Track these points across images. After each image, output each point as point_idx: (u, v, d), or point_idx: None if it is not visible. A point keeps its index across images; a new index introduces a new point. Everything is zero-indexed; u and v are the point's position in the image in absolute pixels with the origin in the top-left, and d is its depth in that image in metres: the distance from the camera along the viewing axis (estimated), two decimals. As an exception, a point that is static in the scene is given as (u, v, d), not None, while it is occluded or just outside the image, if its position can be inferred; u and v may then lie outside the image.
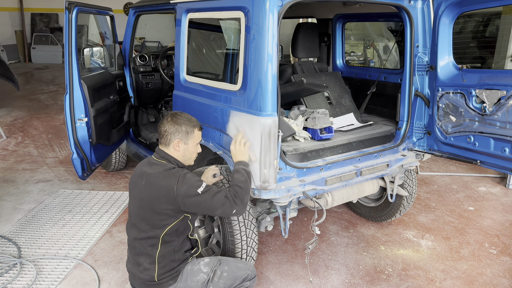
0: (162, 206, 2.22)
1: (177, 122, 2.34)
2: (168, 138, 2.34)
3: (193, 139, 2.39)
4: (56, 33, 15.55)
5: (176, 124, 2.33)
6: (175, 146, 2.35)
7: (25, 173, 5.07)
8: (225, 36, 3.40)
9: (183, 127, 2.34)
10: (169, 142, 2.34)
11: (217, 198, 2.23)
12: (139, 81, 4.56)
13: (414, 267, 3.30)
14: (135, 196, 2.34)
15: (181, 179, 2.21)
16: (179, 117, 2.36)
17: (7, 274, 3.06)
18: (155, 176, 2.26)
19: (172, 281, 2.33)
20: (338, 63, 4.35)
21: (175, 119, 2.35)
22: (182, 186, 2.19)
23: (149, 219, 2.27)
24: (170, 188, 2.20)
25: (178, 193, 2.19)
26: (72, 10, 3.27)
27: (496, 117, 2.64)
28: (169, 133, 2.33)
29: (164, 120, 2.36)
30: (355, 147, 3.08)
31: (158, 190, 2.22)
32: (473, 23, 6.98)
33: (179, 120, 2.35)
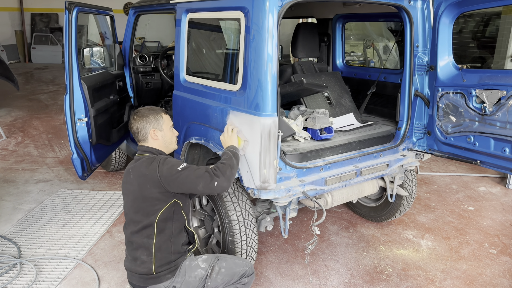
0: (150, 190, 2.28)
1: (143, 115, 2.42)
2: (143, 132, 2.41)
3: (164, 123, 2.46)
4: (56, 33, 15.55)
5: (143, 117, 2.41)
6: (153, 136, 2.42)
7: (25, 173, 5.07)
8: (225, 36, 3.39)
9: (151, 116, 2.42)
10: (146, 135, 2.41)
11: (197, 173, 2.27)
12: (139, 81, 4.56)
13: (414, 267, 3.30)
14: (127, 193, 2.40)
15: (162, 161, 2.30)
16: (143, 110, 2.45)
17: (7, 274, 3.07)
18: (139, 166, 2.34)
19: (170, 274, 2.34)
20: (338, 63, 4.35)
21: (139, 113, 2.43)
22: (163, 167, 2.26)
23: (142, 208, 2.31)
24: (153, 172, 2.26)
25: (160, 174, 2.25)
26: (72, 10, 3.27)
27: (496, 117, 2.64)
28: (141, 127, 2.40)
29: (131, 120, 2.45)
30: (355, 147, 3.08)
31: (143, 176, 2.29)
32: (473, 23, 6.98)
33: (144, 112, 2.43)
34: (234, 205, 2.73)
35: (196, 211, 3.13)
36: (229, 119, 2.66)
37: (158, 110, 2.48)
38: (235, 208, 2.73)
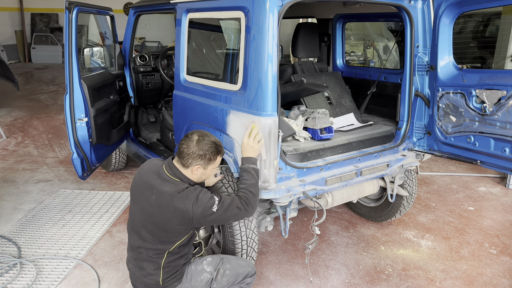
0: (175, 226, 2.22)
1: (203, 148, 2.24)
2: (189, 162, 2.24)
3: (213, 165, 2.33)
4: (56, 33, 15.55)
5: (201, 150, 2.23)
6: (194, 171, 2.27)
7: (25, 173, 5.07)
8: (225, 36, 3.39)
9: (208, 155, 2.26)
10: (189, 165, 2.25)
11: (230, 211, 2.25)
12: (139, 81, 4.56)
13: (414, 267, 3.30)
14: (142, 207, 2.28)
15: (195, 200, 2.18)
16: (206, 142, 2.26)
17: (7, 274, 3.06)
18: (168, 196, 2.20)
19: (177, 282, 2.34)
20: (338, 63, 4.35)
21: (201, 144, 2.24)
22: (198, 209, 2.17)
23: (158, 235, 2.25)
24: (185, 212, 2.17)
25: (193, 216, 2.18)
26: (72, 10, 3.27)
27: (496, 117, 2.64)
28: (191, 158, 2.23)
29: (189, 141, 2.25)
30: (355, 147, 3.08)
31: (172, 212, 2.18)
32: (473, 23, 6.98)
33: (205, 146, 2.25)
34: (234, 205, 2.73)
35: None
36: (255, 124, 2.47)
37: (218, 150, 2.30)
38: (235, 208, 2.72)
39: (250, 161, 2.45)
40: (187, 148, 2.24)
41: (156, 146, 4.32)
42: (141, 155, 4.37)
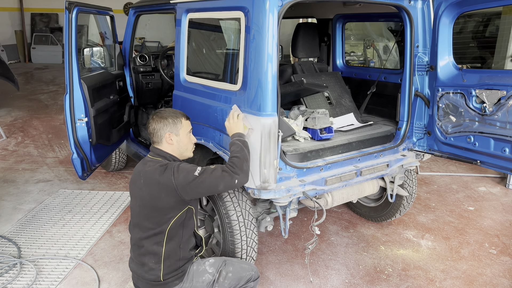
0: (164, 200, 2.23)
1: (162, 116, 2.36)
2: (159, 134, 2.35)
3: (182, 128, 2.39)
4: (56, 33, 15.55)
5: (161, 118, 2.35)
6: (168, 140, 2.36)
7: (25, 173, 5.07)
8: (225, 36, 3.39)
9: (169, 119, 2.36)
10: (161, 138, 2.36)
11: (215, 174, 2.25)
12: (139, 81, 4.56)
13: (414, 267, 3.30)
14: (135, 196, 2.35)
15: (176, 169, 2.24)
16: (163, 112, 2.40)
17: (7, 274, 3.07)
18: (151, 172, 2.27)
19: (177, 281, 2.34)
20: (338, 63, 4.34)
21: (159, 114, 2.38)
22: (179, 175, 2.22)
23: (153, 216, 2.27)
24: (168, 180, 2.22)
25: (177, 184, 2.21)
26: (72, 10, 3.27)
27: (496, 117, 2.64)
28: (158, 129, 2.35)
29: (150, 120, 2.39)
30: (355, 147, 3.08)
31: (157, 186, 2.23)
32: (473, 23, 6.98)
33: (163, 114, 2.38)
34: (234, 205, 2.73)
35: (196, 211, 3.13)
36: (234, 105, 2.60)
37: (178, 114, 2.41)
38: (235, 208, 2.73)
39: (236, 135, 2.48)
40: (151, 125, 2.37)
41: (156, 146, 4.31)
42: (141, 155, 4.37)
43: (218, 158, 3.34)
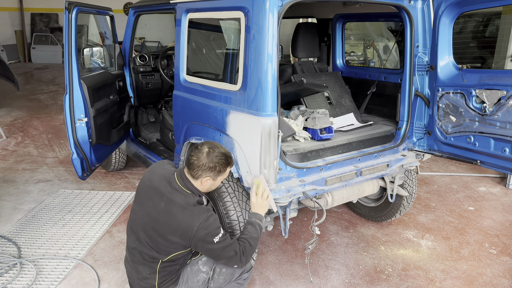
0: (174, 239, 2.20)
1: (213, 160, 2.24)
2: (199, 173, 2.25)
3: (222, 176, 2.34)
4: (56, 33, 15.55)
5: (211, 162, 2.23)
6: (203, 182, 2.28)
7: (25, 173, 5.07)
8: (225, 36, 3.39)
9: (217, 167, 2.26)
10: (198, 177, 2.26)
11: (227, 251, 2.22)
12: (139, 81, 4.56)
13: (414, 267, 3.30)
14: (147, 211, 2.27)
15: (204, 221, 2.17)
16: (216, 154, 2.25)
17: (7, 274, 3.06)
18: (179, 207, 2.20)
19: (173, 285, 2.33)
20: (338, 63, 4.34)
21: (211, 156, 2.24)
22: (202, 231, 2.15)
23: (156, 242, 2.24)
24: (189, 228, 2.16)
25: (195, 235, 2.16)
26: (72, 10, 3.27)
27: (496, 117, 2.64)
28: (201, 169, 2.24)
29: (199, 153, 2.24)
30: (355, 147, 3.08)
31: (177, 224, 2.17)
32: (473, 23, 6.98)
33: (215, 158, 2.25)
34: (234, 205, 2.73)
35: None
36: (261, 176, 2.47)
37: (227, 163, 2.30)
38: (235, 208, 2.72)
39: (257, 217, 2.42)
40: (197, 160, 2.23)
41: (156, 146, 4.32)
42: (141, 155, 4.37)
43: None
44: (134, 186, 4.72)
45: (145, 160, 4.28)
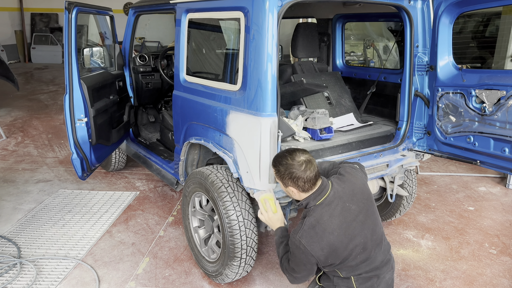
0: None
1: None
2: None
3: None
4: (56, 33, 15.56)
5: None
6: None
7: (25, 173, 5.07)
8: (225, 36, 3.39)
9: None
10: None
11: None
12: (139, 81, 4.56)
13: (414, 267, 3.30)
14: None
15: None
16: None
17: (7, 274, 3.07)
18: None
19: None
20: (338, 63, 4.34)
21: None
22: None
23: None
24: None
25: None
26: (72, 10, 3.27)
27: (496, 117, 2.64)
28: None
29: (315, 166, 2.23)
30: (355, 147, 3.08)
31: None
32: (473, 23, 6.98)
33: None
34: (234, 205, 2.73)
35: (196, 211, 3.13)
36: (270, 194, 2.51)
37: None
38: (235, 208, 2.72)
39: (277, 233, 2.47)
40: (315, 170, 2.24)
41: (155, 146, 4.32)
42: (141, 155, 4.37)
43: (217, 158, 3.34)
44: (134, 186, 4.72)
45: (145, 160, 4.28)
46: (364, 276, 2.22)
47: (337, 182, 2.27)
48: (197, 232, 3.17)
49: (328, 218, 2.12)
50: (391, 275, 2.34)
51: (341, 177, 2.30)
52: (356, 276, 2.21)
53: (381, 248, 2.28)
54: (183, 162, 3.39)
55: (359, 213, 2.20)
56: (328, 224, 2.11)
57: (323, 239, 2.09)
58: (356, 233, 2.16)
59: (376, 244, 2.25)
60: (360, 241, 2.16)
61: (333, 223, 2.12)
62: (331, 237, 2.09)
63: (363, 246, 2.18)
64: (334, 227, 2.11)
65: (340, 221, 2.13)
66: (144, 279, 3.09)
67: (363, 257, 2.19)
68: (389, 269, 2.32)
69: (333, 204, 2.17)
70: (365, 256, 2.20)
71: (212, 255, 3.05)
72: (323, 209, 2.16)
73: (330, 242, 2.09)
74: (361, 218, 2.20)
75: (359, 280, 2.21)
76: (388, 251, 2.33)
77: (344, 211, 2.17)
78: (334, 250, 2.11)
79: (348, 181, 2.28)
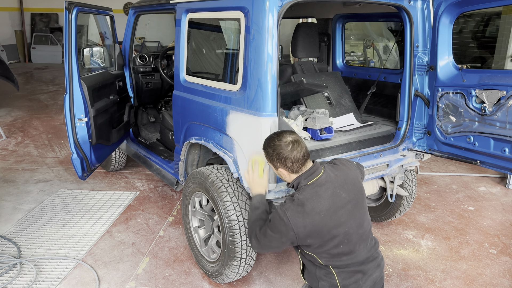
0: None
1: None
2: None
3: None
4: (56, 33, 15.56)
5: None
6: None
7: (25, 173, 5.07)
8: (225, 36, 3.40)
9: None
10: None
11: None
12: (139, 81, 4.56)
13: (414, 267, 3.30)
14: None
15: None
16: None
17: (7, 274, 3.07)
18: None
19: None
20: (338, 63, 4.35)
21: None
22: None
23: None
24: None
25: None
26: (72, 10, 3.27)
27: (496, 117, 2.64)
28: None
29: (303, 145, 2.23)
30: (355, 147, 3.08)
31: None
32: (473, 23, 6.98)
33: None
34: (234, 205, 2.73)
35: (196, 211, 3.14)
36: (255, 154, 2.45)
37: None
38: (235, 208, 2.73)
39: (255, 197, 2.39)
40: (304, 149, 2.24)
41: (156, 146, 4.32)
42: (141, 155, 4.37)
43: (218, 158, 3.34)
44: (134, 186, 4.72)
45: (145, 160, 4.29)
46: (347, 271, 2.19)
47: (330, 168, 2.27)
48: (197, 232, 3.17)
49: (318, 199, 2.11)
50: (380, 274, 2.31)
51: (335, 166, 2.31)
52: (339, 270, 2.20)
53: (367, 245, 2.26)
54: (183, 162, 3.39)
55: (349, 202, 2.19)
56: (316, 204, 2.10)
57: (309, 217, 2.07)
58: (342, 221, 2.14)
59: (362, 239, 2.23)
60: (344, 230, 2.14)
61: (322, 204, 2.10)
62: (317, 217, 2.08)
63: (348, 237, 2.16)
64: (322, 208, 2.10)
65: (329, 204, 2.12)
66: (144, 279, 3.09)
67: (347, 249, 2.17)
68: (377, 267, 2.28)
69: (324, 187, 2.16)
70: (348, 248, 2.17)
71: (212, 255, 3.05)
72: (314, 189, 2.14)
73: (315, 222, 2.08)
74: (350, 208, 2.18)
75: (342, 274, 2.19)
76: (375, 249, 2.31)
77: (334, 196, 2.15)
78: (316, 231, 2.09)
79: (341, 170, 2.28)
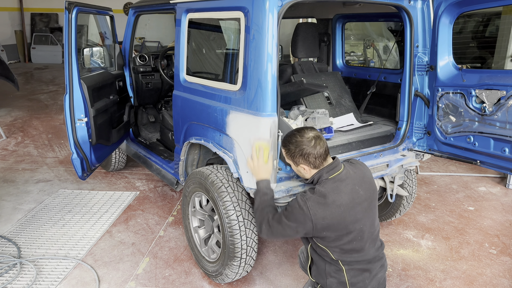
0: None
1: None
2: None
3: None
4: (56, 33, 15.56)
5: None
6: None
7: (25, 173, 5.07)
8: (225, 36, 3.40)
9: None
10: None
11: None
12: (139, 81, 4.56)
13: (414, 267, 3.30)
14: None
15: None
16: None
17: (7, 274, 3.07)
18: None
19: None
20: (338, 63, 4.35)
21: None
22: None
23: None
24: None
25: None
26: (72, 10, 3.27)
27: (496, 117, 2.64)
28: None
29: (323, 140, 2.29)
30: (355, 147, 3.08)
31: None
32: (473, 23, 6.99)
33: None
34: (234, 205, 2.73)
35: (196, 211, 3.14)
36: (258, 140, 2.45)
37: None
38: (235, 208, 2.72)
39: (262, 183, 2.43)
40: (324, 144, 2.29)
41: (155, 146, 4.32)
42: (141, 155, 4.37)
43: (218, 158, 3.34)
44: (134, 186, 4.72)
45: (145, 160, 4.29)
46: (356, 268, 2.22)
47: (349, 166, 2.32)
48: (197, 232, 3.17)
49: (339, 193, 2.15)
50: (383, 275, 2.34)
51: (352, 164, 2.36)
52: (348, 267, 2.21)
53: (375, 244, 2.29)
54: (183, 162, 3.39)
55: (365, 200, 2.22)
56: (337, 198, 2.13)
57: (329, 209, 2.10)
58: (359, 217, 2.17)
59: (372, 238, 2.26)
60: (360, 227, 2.17)
61: (343, 198, 2.14)
62: (337, 210, 2.11)
63: (361, 234, 2.19)
64: (342, 202, 2.13)
65: (348, 199, 2.15)
66: (144, 279, 3.09)
67: (358, 246, 2.20)
68: (381, 268, 2.32)
69: (344, 182, 2.19)
70: (360, 245, 2.20)
71: (212, 255, 3.05)
72: (335, 183, 2.18)
73: (334, 215, 2.11)
74: (366, 205, 2.22)
75: (351, 272, 2.22)
76: (381, 250, 2.34)
77: (353, 192, 2.19)
78: (334, 224, 2.12)
79: (359, 169, 2.33)
